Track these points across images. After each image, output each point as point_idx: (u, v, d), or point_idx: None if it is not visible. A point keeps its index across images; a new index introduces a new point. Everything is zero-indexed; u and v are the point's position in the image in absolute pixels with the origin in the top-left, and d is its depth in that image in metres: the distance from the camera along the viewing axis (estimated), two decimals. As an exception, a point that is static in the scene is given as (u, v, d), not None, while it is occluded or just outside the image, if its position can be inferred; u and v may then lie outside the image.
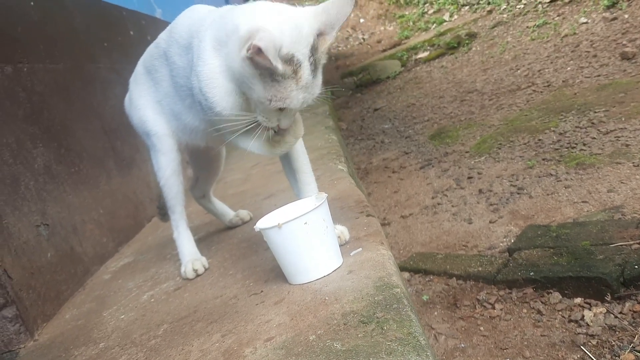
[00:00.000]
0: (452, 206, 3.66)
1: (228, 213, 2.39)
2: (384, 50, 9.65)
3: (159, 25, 4.57)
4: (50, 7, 2.93)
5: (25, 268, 2.02)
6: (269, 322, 1.34)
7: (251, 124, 1.52)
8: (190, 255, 2.01)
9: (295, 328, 1.25)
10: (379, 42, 10.52)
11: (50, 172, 2.44)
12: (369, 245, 1.59)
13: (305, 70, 1.38)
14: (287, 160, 1.76)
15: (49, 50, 2.78)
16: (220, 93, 1.51)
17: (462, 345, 2.29)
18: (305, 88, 1.40)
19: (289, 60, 1.35)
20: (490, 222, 3.26)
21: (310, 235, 1.46)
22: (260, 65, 1.32)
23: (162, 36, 1.90)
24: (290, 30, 1.35)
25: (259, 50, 1.28)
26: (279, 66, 1.32)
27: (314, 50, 1.39)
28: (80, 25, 3.28)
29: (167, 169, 1.98)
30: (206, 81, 1.52)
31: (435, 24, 9.65)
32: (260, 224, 1.54)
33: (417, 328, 1.11)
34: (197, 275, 1.93)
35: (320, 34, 1.41)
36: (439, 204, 3.77)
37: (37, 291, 2.05)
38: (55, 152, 2.54)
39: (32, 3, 2.73)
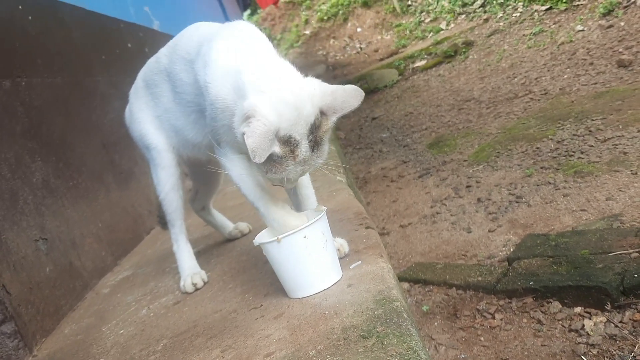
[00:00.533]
0: (451, 215, 3.65)
1: (227, 225, 2.39)
2: (381, 59, 9.68)
3: (157, 37, 4.59)
4: (47, 22, 2.94)
5: (24, 283, 2.02)
6: (268, 337, 1.33)
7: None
8: (189, 269, 2.00)
9: (295, 343, 1.25)
10: (376, 51, 10.55)
11: (49, 186, 2.44)
12: (369, 258, 1.59)
13: (303, 148, 1.38)
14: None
15: (47, 64, 2.79)
16: (222, 86, 1.50)
17: (463, 356, 2.29)
18: (303, 162, 1.40)
19: (286, 141, 1.35)
20: (489, 231, 3.26)
21: (309, 249, 1.46)
22: None
23: (164, 51, 1.90)
24: (290, 111, 1.34)
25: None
26: (275, 149, 1.33)
27: (314, 128, 1.38)
28: (78, 38, 3.29)
29: (167, 183, 1.99)
30: (213, 75, 1.52)
31: (432, 33, 9.67)
32: (260, 238, 1.54)
33: (417, 342, 1.11)
34: (197, 289, 1.93)
35: (322, 114, 1.41)
36: (437, 213, 3.77)
37: (36, 306, 2.05)
38: (54, 166, 2.55)
39: (29, 17, 2.74)
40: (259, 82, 1.39)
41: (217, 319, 1.59)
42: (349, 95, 1.42)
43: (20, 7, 2.70)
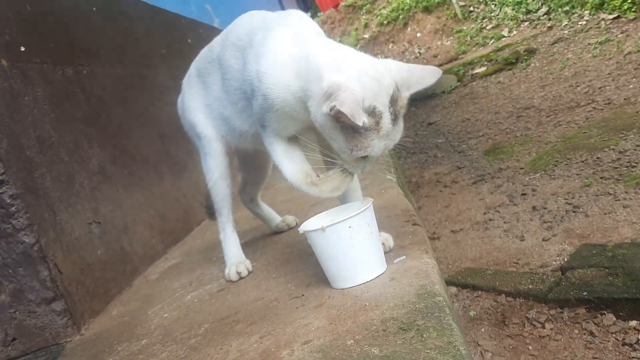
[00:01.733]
0: (504, 223, 3.57)
1: (275, 218, 2.40)
2: (440, 65, 9.57)
3: (216, 34, 4.66)
4: (111, 14, 3.03)
5: (75, 264, 2.07)
6: (307, 326, 1.33)
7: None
8: (234, 258, 2.02)
9: (334, 332, 1.24)
10: (435, 56, 10.45)
11: (105, 172, 2.50)
12: (413, 253, 1.56)
13: (386, 120, 1.39)
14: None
15: (109, 54, 2.87)
16: (277, 84, 1.51)
17: (509, 364, 2.23)
18: (386, 136, 1.42)
19: (371, 112, 1.36)
20: (543, 240, 3.16)
21: (354, 239, 1.44)
22: (343, 121, 1.34)
23: (217, 40, 1.93)
24: (371, 82, 1.37)
25: (340, 112, 1.29)
26: (364, 120, 1.33)
27: (393, 101, 1.40)
28: (140, 31, 3.37)
29: (216, 172, 2.01)
30: (266, 70, 1.53)
31: (493, 39, 9.52)
32: (305, 227, 1.53)
33: (458, 337, 1.08)
34: (241, 278, 1.94)
35: (399, 88, 1.42)
36: (490, 220, 3.69)
37: (86, 287, 2.10)
38: (110, 153, 2.61)
39: (94, 9, 2.82)
40: (335, 62, 1.42)
41: (259, 306, 1.60)
42: (425, 72, 1.45)
43: (86, -2, 2.79)
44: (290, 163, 1.65)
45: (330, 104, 1.32)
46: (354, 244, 1.44)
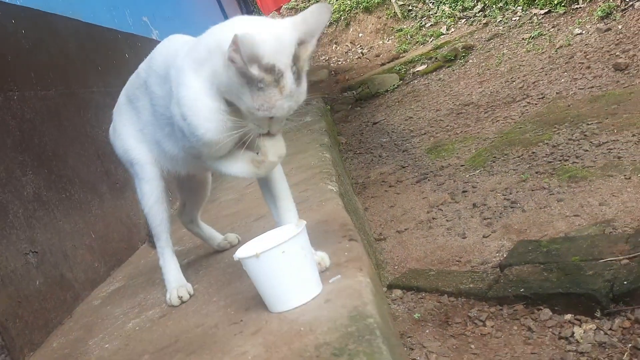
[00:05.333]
0: (447, 221, 3.66)
1: (216, 237, 2.40)
2: (383, 64, 9.68)
3: (155, 46, 4.61)
4: (41, 34, 2.97)
5: (12, 297, 2.03)
6: (244, 354, 1.34)
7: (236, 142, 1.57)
8: (175, 282, 2.01)
9: (269, 361, 1.26)
10: (377, 56, 10.56)
11: (40, 199, 2.45)
12: (348, 271, 1.59)
13: (289, 80, 1.42)
14: (266, 187, 1.77)
15: (40, 77, 2.81)
16: (204, 114, 1.54)
17: (453, 364, 2.29)
18: (290, 97, 1.45)
19: (271, 70, 1.39)
20: (483, 236, 3.26)
21: (288, 264, 1.47)
22: (241, 68, 1.37)
23: (142, 66, 1.93)
24: (271, 41, 1.40)
25: (235, 55, 1.34)
26: (258, 72, 1.37)
27: (295, 59, 1.43)
28: (73, 50, 3.31)
29: (151, 196, 2.00)
30: (188, 104, 1.54)
31: (432, 37, 9.69)
32: (239, 254, 1.55)
33: (386, 360, 1.12)
34: (182, 302, 1.93)
35: (301, 43, 1.45)
36: (434, 218, 3.77)
37: (24, 320, 2.06)
38: (46, 178, 2.56)
39: (22, 31, 2.76)
40: (232, 28, 1.45)
41: (198, 333, 1.61)
42: (319, 12, 1.48)
43: (13, 21, 2.72)
44: (235, 163, 1.66)
45: (229, 50, 1.37)
46: (288, 268, 1.47)
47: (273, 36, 1.41)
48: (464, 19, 9.47)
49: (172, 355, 1.54)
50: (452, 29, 9.53)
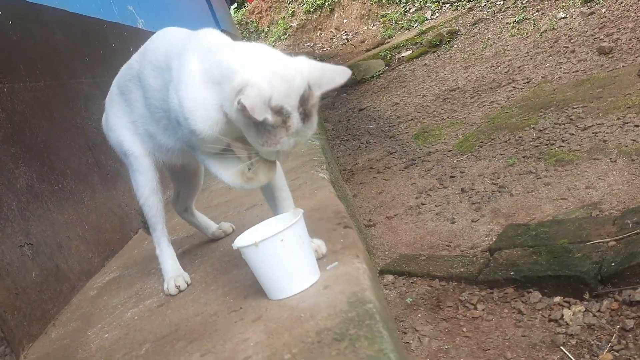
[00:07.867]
0: (436, 206, 3.70)
1: (211, 226, 2.42)
2: (368, 50, 9.70)
3: (142, 36, 4.58)
4: (29, 26, 2.94)
5: (9, 289, 2.04)
6: (246, 341, 1.37)
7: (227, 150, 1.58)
8: (172, 272, 2.03)
9: (271, 347, 1.29)
10: (362, 42, 10.57)
11: (33, 191, 2.45)
12: (345, 258, 1.62)
13: (295, 120, 1.44)
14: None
15: (29, 68, 2.79)
16: (203, 119, 1.54)
17: (446, 347, 2.34)
18: (295, 134, 1.47)
19: (279, 111, 1.40)
20: (472, 221, 3.31)
21: (286, 252, 1.49)
22: (249, 116, 1.37)
23: (135, 57, 1.93)
24: (281, 82, 1.40)
25: (244, 107, 1.34)
26: (268, 118, 1.38)
27: (303, 101, 1.44)
28: (61, 41, 3.29)
29: (146, 188, 2.01)
30: (190, 107, 1.55)
31: (417, 23, 9.70)
32: (238, 242, 1.57)
33: (388, 344, 1.15)
34: (180, 291, 1.95)
35: (310, 88, 1.46)
36: (422, 204, 3.82)
37: (22, 312, 2.07)
38: (38, 170, 2.56)
39: (10, 22, 2.74)
40: (247, 62, 1.46)
41: (198, 322, 1.63)
42: (336, 73, 1.48)
43: (0, 12, 2.70)
44: (226, 169, 1.68)
45: (238, 98, 1.38)
46: (287, 256, 1.49)
47: (284, 80, 1.41)
48: (448, 4, 9.50)
49: (173, 343, 1.56)
50: (437, 14, 9.55)
